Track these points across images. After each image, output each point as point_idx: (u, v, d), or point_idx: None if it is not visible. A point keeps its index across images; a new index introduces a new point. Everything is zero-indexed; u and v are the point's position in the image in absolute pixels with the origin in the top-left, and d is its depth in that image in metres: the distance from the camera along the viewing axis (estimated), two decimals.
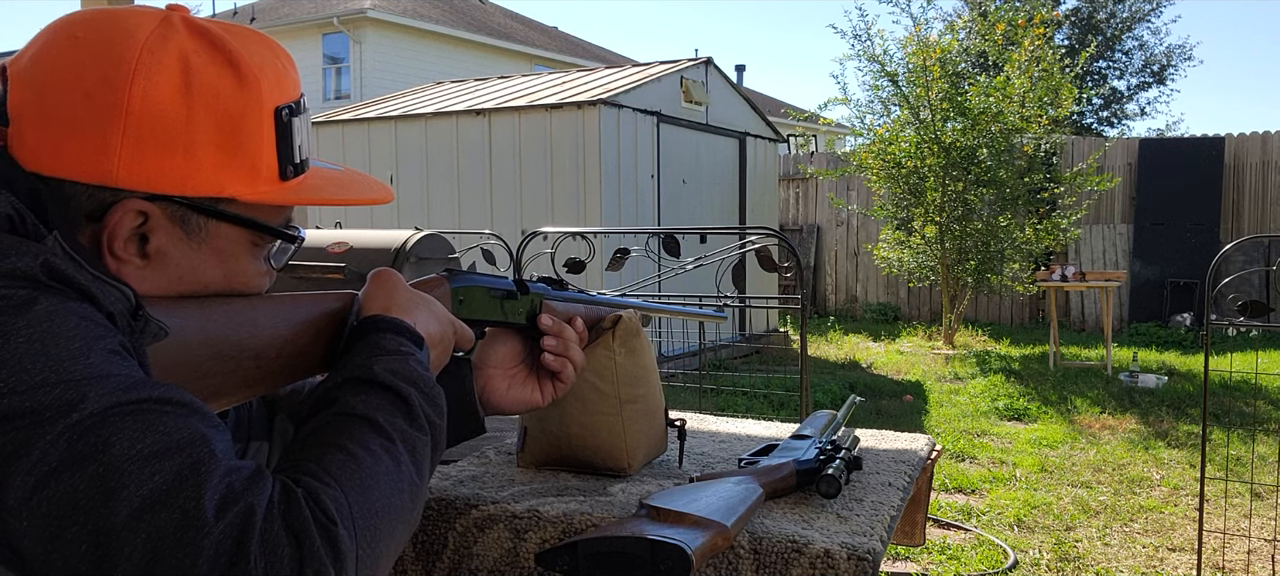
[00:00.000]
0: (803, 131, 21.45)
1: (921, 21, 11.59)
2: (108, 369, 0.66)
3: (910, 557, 3.98)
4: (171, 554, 0.61)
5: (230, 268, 0.86)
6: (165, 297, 0.82)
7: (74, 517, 0.61)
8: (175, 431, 0.65)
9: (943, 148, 9.77)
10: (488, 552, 1.34)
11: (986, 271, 10.09)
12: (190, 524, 0.62)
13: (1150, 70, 21.15)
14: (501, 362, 1.11)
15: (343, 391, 0.81)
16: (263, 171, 0.84)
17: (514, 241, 4.29)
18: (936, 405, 7.13)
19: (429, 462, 0.83)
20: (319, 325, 0.92)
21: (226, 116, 0.80)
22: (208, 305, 0.84)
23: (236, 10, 22.68)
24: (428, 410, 0.83)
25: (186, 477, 0.63)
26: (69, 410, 0.63)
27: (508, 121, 8.35)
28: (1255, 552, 4.03)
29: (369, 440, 0.76)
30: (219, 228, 0.84)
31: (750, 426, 1.92)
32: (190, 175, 0.80)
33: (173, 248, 0.82)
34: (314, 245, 4.51)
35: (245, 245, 0.87)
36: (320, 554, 0.66)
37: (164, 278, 0.82)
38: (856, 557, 1.17)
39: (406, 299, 0.94)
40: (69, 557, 0.61)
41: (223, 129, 0.80)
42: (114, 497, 0.61)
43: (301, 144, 0.88)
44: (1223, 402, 6.70)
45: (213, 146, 0.80)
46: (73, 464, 0.61)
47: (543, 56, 22.73)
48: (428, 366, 0.89)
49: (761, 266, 3.84)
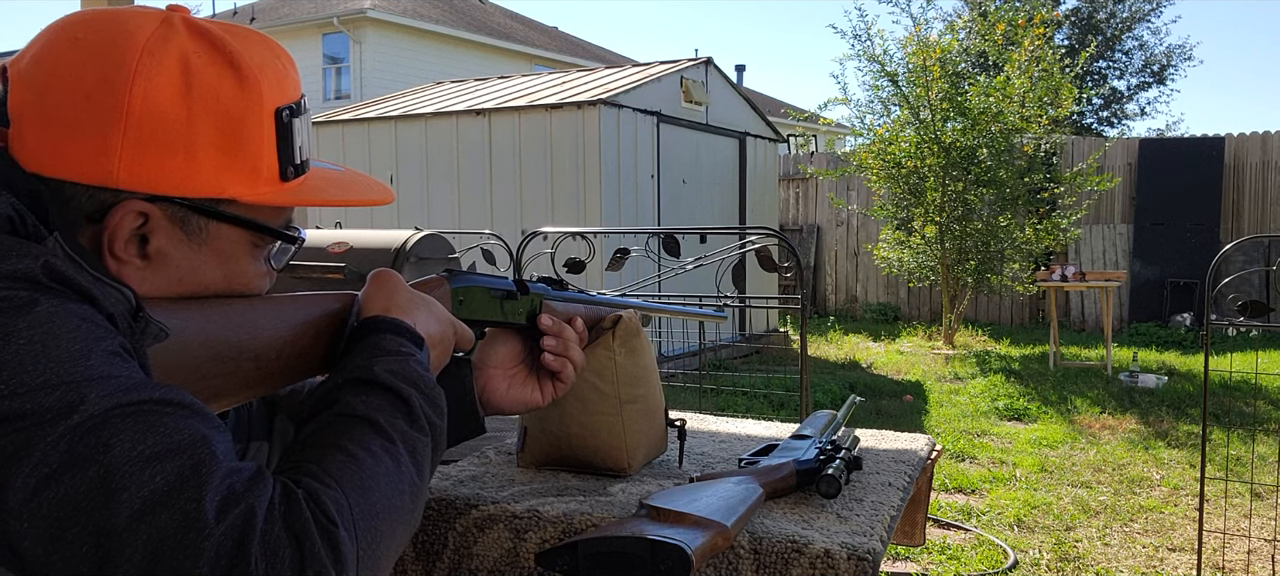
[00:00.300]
0: (803, 131, 21.45)
1: (921, 21, 11.60)
2: (108, 370, 0.66)
3: (910, 557, 3.98)
4: (172, 555, 0.61)
5: (230, 269, 0.86)
6: (165, 299, 0.82)
7: (75, 519, 0.61)
8: (176, 432, 0.65)
9: (943, 148, 9.77)
10: (488, 552, 1.34)
11: (986, 271, 10.09)
12: (191, 525, 0.62)
13: (1150, 70, 21.16)
14: (501, 363, 1.11)
15: (343, 392, 0.81)
16: (263, 172, 0.84)
17: (514, 241, 4.29)
18: (936, 405, 7.13)
19: (429, 463, 0.83)
20: (319, 326, 0.91)
21: (227, 117, 0.80)
22: (207, 306, 0.84)
23: (236, 10, 22.68)
24: (428, 411, 0.83)
25: (187, 479, 0.63)
26: (70, 412, 0.63)
27: (508, 121, 8.36)
28: (1255, 552, 4.03)
29: (369, 441, 0.76)
30: (219, 229, 0.84)
31: (750, 426, 1.92)
32: (191, 176, 0.80)
33: (173, 249, 0.82)
34: (314, 245, 4.51)
35: (245, 246, 0.87)
36: (321, 555, 0.66)
37: (164, 279, 0.82)
38: (856, 557, 1.17)
39: (406, 299, 0.94)
40: (70, 559, 0.61)
41: (223, 130, 0.80)
42: (115, 499, 0.61)
43: (302, 145, 0.88)
44: (1223, 402, 6.70)
45: (213, 147, 0.80)
46: (73, 465, 0.61)
47: (543, 56, 22.73)
48: (428, 367, 0.89)
49: (761, 266, 3.84)
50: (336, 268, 4.26)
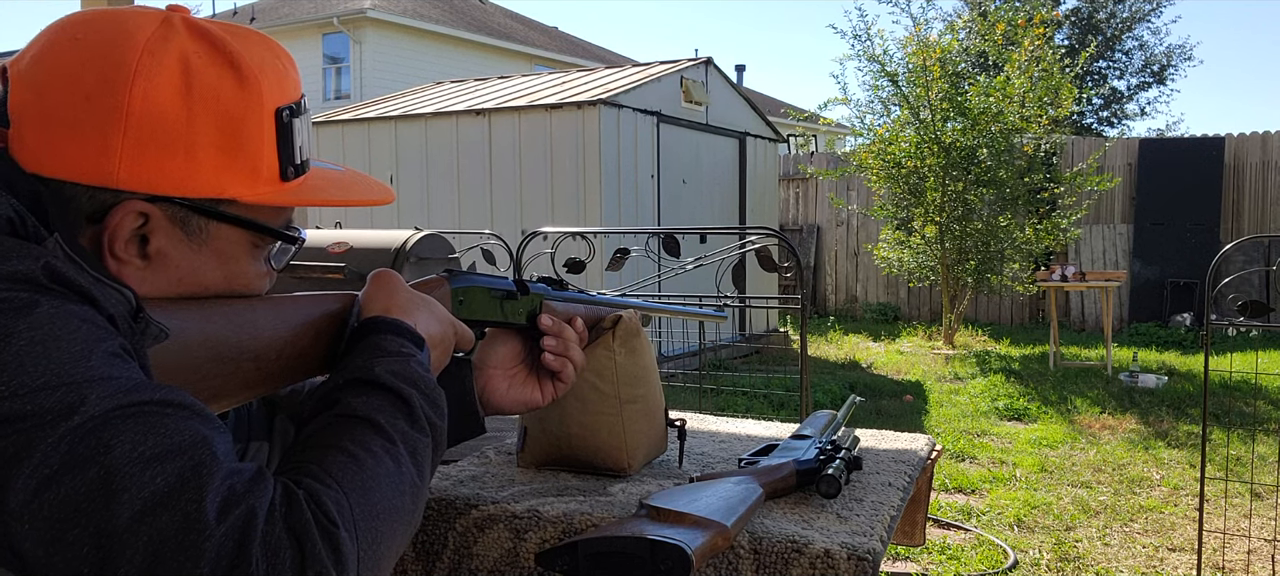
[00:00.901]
0: (803, 131, 21.45)
1: (921, 21, 11.61)
2: (109, 371, 0.66)
3: (910, 557, 3.98)
4: (173, 556, 0.61)
5: (231, 269, 0.86)
6: (165, 299, 0.82)
7: (75, 520, 0.61)
8: (176, 434, 0.65)
9: (943, 148, 9.77)
10: (488, 552, 1.34)
11: (986, 271, 10.09)
12: (192, 526, 0.62)
13: (1150, 70, 21.16)
14: (502, 363, 1.11)
15: (344, 393, 0.81)
16: (263, 172, 0.84)
17: (514, 241, 4.29)
18: (936, 405, 7.13)
19: (430, 464, 0.83)
20: (319, 326, 0.92)
21: (227, 117, 0.80)
22: (208, 307, 0.84)
23: (236, 10, 22.69)
24: (429, 411, 0.83)
25: (188, 480, 0.63)
26: (70, 413, 0.63)
27: (508, 121, 8.36)
28: (1255, 552, 4.03)
29: (370, 441, 0.76)
30: (220, 229, 0.84)
31: (750, 426, 1.92)
32: (191, 176, 0.80)
33: (173, 249, 0.82)
34: (314, 245, 4.51)
35: (246, 246, 0.87)
36: (322, 556, 0.66)
37: (164, 279, 0.82)
38: (856, 557, 1.17)
39: (407, 300, 0.94)
40: (70, 560, 0.61)
41: (223, 130, 0.80)
42: (115, 500, 0.61)
43: (302, 145, 0.88)
44: (1223, 402, 6.70)
45: (213, 148, 0.80)
46: (74, 467, 0.61)
47: (543, 56, 22.73)
48: (428, 367, 0.89)
49: (761, 266, 3.84)
50: (336, 268, 4.26)
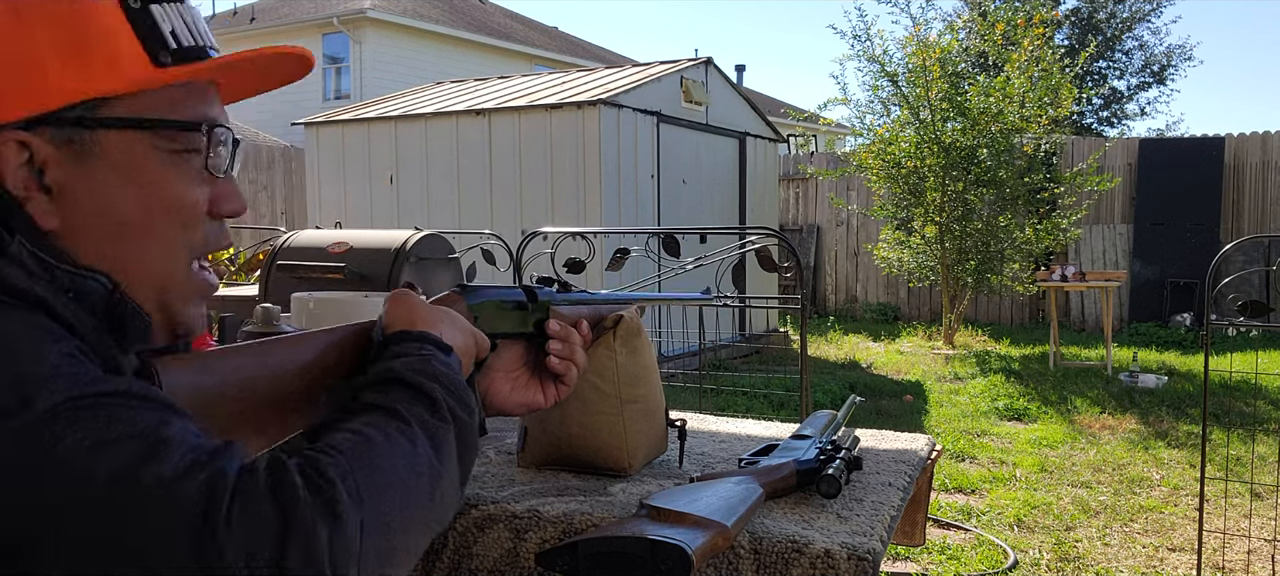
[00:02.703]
0: (803, 131, 21.44)
1: (921, 21, 11.60)
2: (61, 369, 0.66)
3: (910, 557, 3.98)
4: (137, 526, 0.61)
5: (146, 187, 0.79)
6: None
7: (32, 515, 0.62)
8: (132, 422, 0.65)
9: (943, 148, 9.77)
10: (488, 552, 1.34)
11: (986, 271, 10.09)
12: (151, 494, 0.62)
13: (1150, 70, 21.16)
14: (505, 366, 1.11)
15: (362, 391, 0.80)
16: (125, 60, 0.78)
17: (514, 241, 4.29)
18: (936, 405, 7.13)
19: (456, 454, 0.81)
20: (343, 347, 0.92)
21: (59, 18, 0.76)
22: (229, 350, 0.85)
23: (236, 10, 22.70)
24: (453, 404, 0.82)
25: (146, 457, 0.63)
26: (18, 411, 0.63)
27: (508, 121, 8.35)
28: (1255, 552, 4.03)
29: (383, 424, 0.75)
30: (107, 137, 0.78)
31: (750, 426, 1.92)
32: (44, 89, 0.75)
33: (70, 177, 0.77)
34: (314, 245, 4.51)
35: (150, 152, 0.80)
36: (307, 510, 0.64)
37: (78, 214, 0.77)
38: (856, 557, 1.17)
39: (428, 313, 0.93)
40: (35, 552, 0.62)
41: (60, 30, 0.76)
42: (71, 489, 0.61)
43: (176, 31, 0.81)
44: (1223, 402, 6.70)
45: (56, 52, 0.75)
46: (24, 465, 0.62)
47: (543, 56, 22.72)
48: (455, 369, 0.87)
49: (761, 266, 3.84)
50: (336, 268, 4.26)
